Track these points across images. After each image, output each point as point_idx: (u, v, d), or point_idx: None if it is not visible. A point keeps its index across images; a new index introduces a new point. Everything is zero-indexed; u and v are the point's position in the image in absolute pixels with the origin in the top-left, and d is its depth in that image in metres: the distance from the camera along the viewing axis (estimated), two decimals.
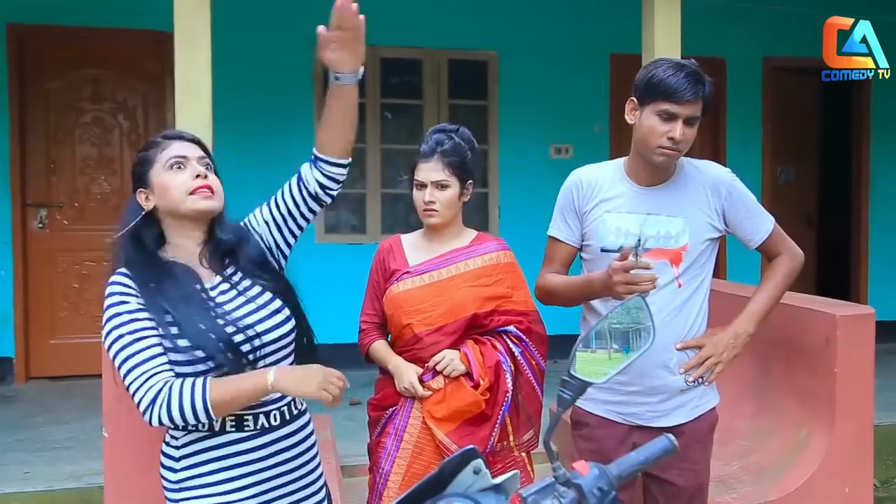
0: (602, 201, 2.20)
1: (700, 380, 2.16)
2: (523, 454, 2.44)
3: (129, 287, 1.69)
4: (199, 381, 1.61)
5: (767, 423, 3.30)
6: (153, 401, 1.59)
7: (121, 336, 1.64)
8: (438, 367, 2.32)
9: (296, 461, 1.80)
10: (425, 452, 2.33)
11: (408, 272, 2.42)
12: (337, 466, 3.37)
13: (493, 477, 1.01)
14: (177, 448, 1.75)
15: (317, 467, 1.87)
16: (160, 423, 1.59)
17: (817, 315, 3.02)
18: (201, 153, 1.81)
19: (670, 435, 1.17)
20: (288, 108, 5.57)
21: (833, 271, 7.05)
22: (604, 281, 1.99)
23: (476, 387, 2.30)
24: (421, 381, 2.33)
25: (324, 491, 1.89)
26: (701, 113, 2.07)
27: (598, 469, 1.04)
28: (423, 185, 2.39)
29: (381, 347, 2.45)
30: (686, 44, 3.70)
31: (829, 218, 7.31)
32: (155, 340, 1.65)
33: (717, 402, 2.27)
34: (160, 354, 1.64)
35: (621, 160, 2.27)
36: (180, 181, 1.75)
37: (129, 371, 1.62)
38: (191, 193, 1.74)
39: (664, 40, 3.65)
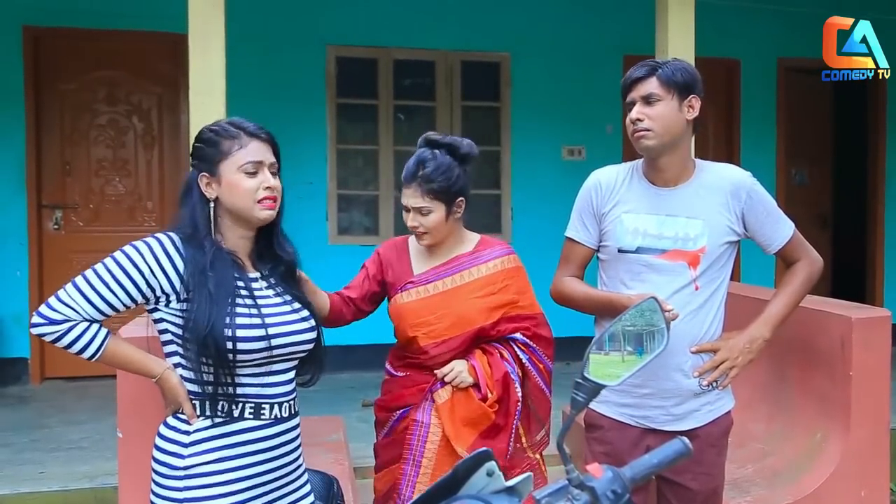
0: (620, 202, 2.19)
1: (714, 384, 2.14)
2: (537, 456, 2.43)
3: (172, 252, 1.75)
4: (105, 330, 1.76)
5: (782, 426, 3.28)
6: (54, 322, 1.69)
7: (110, 274, 1.72)
8: (447, 379, 2.32)
9: (293, 454, 1.89)
10: None
11: (412, 282, 2.38)
12: (350, 468, 3.37)
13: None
14: (188, 434, 1.77)
15: (302, 463, 1.97)
16: (42, 335, 1.72)
17: (832, 317, 2.99)
18: (273, 159, 1.87)
19: (684, 438, 1.15)
20: (301, 108, 5.58)
21: (848, 273, 6.99)
22: (625, 308, 1.98)
23: (484, 399, 2.30)
24: (430, 392, 2.34)
25: (308, 485, 1.99)
26: (669, 90, 2.07)
27: (611, 472, 1.03)
28: (407, 209, 2.34)
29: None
30: (700, 45, 3.69)
31: (844, 219, 7.25)
32: (115, 308, 1.74)
33: (731, 405, 2.25)
34: (102, 317, 1.74)
35: (639, 161, 2.25)
36: (251, 188, 1.81)
37: (79, 289, 1.71)
38: (257, 202, 1.81)
39: (678, 41, 3.64)
